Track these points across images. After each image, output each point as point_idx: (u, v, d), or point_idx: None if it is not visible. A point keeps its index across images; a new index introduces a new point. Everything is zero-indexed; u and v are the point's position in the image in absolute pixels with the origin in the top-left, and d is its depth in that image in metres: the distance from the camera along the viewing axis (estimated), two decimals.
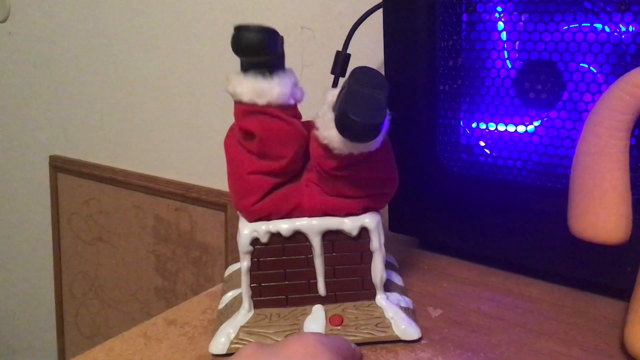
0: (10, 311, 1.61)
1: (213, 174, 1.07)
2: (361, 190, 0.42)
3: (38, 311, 1.51)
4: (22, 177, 1.45)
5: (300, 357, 0.32)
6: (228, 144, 0.44)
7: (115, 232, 1.23)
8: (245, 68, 0.41)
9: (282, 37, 0.41)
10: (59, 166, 1.31)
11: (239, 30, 0.38)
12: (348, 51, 0.64)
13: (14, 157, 1.45)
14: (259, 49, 0.38)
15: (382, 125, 0.36)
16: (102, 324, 1.30)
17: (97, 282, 1.29)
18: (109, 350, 0.43)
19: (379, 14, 0.54)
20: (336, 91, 0.40)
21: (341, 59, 0.65)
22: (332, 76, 0.65)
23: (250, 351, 0.32)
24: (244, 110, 0.41)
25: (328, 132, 0.38)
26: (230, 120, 0.43)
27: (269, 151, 0.41)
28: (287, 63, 0.43)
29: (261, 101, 0.40)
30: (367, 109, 0.36)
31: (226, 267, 0.54)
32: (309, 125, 0.42)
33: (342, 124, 0.36)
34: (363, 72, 0.39)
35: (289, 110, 0.42)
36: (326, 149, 0.39)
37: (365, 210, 0.43)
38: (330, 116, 0.38)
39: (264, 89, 0.40)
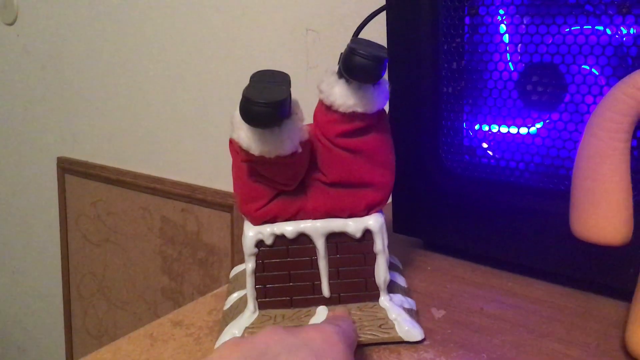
0: (19, 311, 1.62)
1: (219, 176, 1.08)
2: (362, 173, 0.42)
3: (46, 311, 1.52)
4: (30, 178, 1.46)
5: (318, 341, 0.33)
6: (233, 149, 0.44)
7: (123, 233, 1.24)
8: None
9: (290, 87, 0.39)
10: (67, 168, 1.32)
11: (248, 104, 0.36)
12: None
13: (22, 158, 1.46)
14: (269, 122, 0.37)
15: (384, 63, 0.38)
16: (109, 324, 1.31)
17: (104, 283, 1.30)
18: (116, 351, 0.44)
19: (383, 16, 0.54)
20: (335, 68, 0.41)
21: None
22: None
23: (272, 330, 0.33)
24: (252, 160, 0.40)
25: (332, 90, 0.40)
26: None
27: (276, 180, 0.42)
28: (292, 64, 0.44)
29: (270, 156, 0.39)
30: (373, 47, 0.39)
31: (232, 268, 0.55)
32: (311, 128, 0.42)
33: (350, 61, 0.38)
34: (362, 41, 0.40)
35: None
36: (330, 111, 0.40)
37: (367, 208, 0.43)
38: (334, 78, 0.40)
39: (273, 147, 0.38)
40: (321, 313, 0.44)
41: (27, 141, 1.43)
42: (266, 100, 0.36)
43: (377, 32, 0.77)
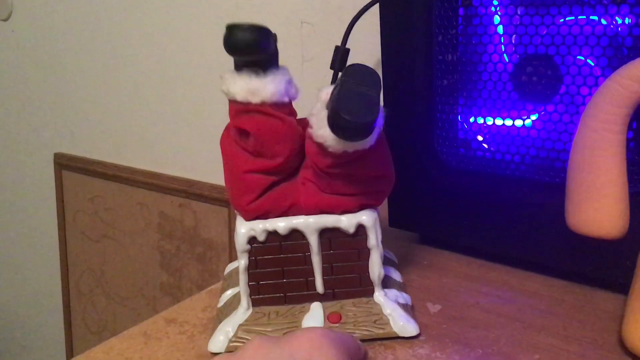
0: (19, 308, 1.62)
1: (216, 171, 1.07)
2: (357, 188, 0.42)
3: (46, 308, 1.52)
4: (28, 175, 1.45)
5: (306, 350, 0.32)
6: (224, 143, 0.44)
7: (121, 229, 1.24)
8: (239, 67, 0.41)
9: (275, 35, 0.41)
10: (64, 164, 1.32)
11: (231, 30, 0.37)
12: (347, 46, 0.64)
13: (19, 155, 1.46)
14: (252, 48, 0.38)
15: (375, 124, 0.36)
16: (109, 320, 1.31)
17: (103, 279, 1.30)
18: (109, 350, 0.44)
19: (376, 8, 0.54)
20: (330, 89, 0.40)
21: (340, 54, 0.65)
22: (333, 70, 0.65)
23: (257, 344, 0.33)
24: (239, 109, 0.41)
25: (322, 131, 0.38)
26: None
27: (264, 149, 0.41)
28: (288, 57, 0.43)
29: (255, 100, 0.40)
30: (360, 107, 0.36)
31: (230, 262, 0.54)
32: (305, 123, 0.42)
33: (335, 123, 0.36)
34: (357, 69, 0.38)
35: (284, 108, 0.42)
36: (321, 147, 0.39)
37: (361, 208, 0.43)
38: (324, 114, 0.38)
39: (257, 88, 0.40)
40: (315, 309, 0.44)
41: (24, 138, 1.43)
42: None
43: (372, 24, 0.76)
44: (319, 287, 0.44)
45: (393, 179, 0.44)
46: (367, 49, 0.77)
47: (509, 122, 0.49)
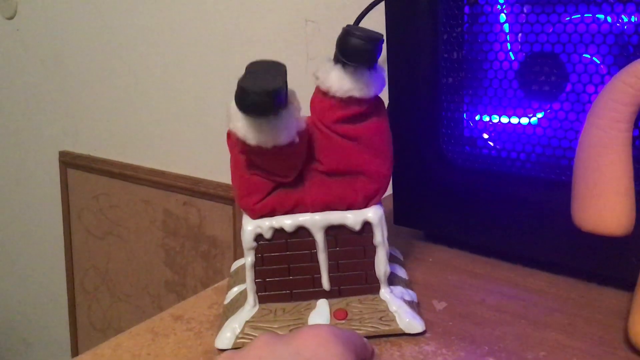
0: (24, 306, 1.63)
1: (221, 168, 1.07)
2: (360, 161, 0.42)
3: (51, 305, 1.52)
4: (33, 173, 1.46)
5: (312, 346, 0.32)
6: (231, 143, 0.44)
7: (125, 227, 1.24)
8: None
9: (286, 76, 0.38)
10: (69, 162, 1.32)
11: (244, 91, 0.36)
12: None
13: (24, 153, 1.46)
14: (265, 110, 0.37)
15: (377, 45, 0.38)
16: (113, 317, 1.31)
17: (108, 276, 1.30)
18: (117, 346, 0.44)
19: (382, 6, 0.54)
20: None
21: None
22: None
23: (263, 341, 0.33)
24: (249, 150, 0.40)
25: (328, 76, 0.40)
26: None
27: (274, 172, 0.42)
28: (292, 55, 0.43)
29: (268, 146, 0.39)
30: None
31: (235, 261, 0.55)
32: (309, 119, 0.42)
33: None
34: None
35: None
36: (327, 96, 0.40)
37: (365, 198, 0.43)
38: (330, 64, 0.40)
39: (268, 139, 0.38)
40: (321, 306, 0.44)
41: (29, 136, 1.43)
42: (261, 89, 0.35)
43: (377, 23, 0.76)
44: (325, 284, 0.44)
45: (392, 162, 0.44)
46: None
47: (514, 120, 0.49)
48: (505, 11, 0.47)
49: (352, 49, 0.38)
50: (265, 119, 0.38)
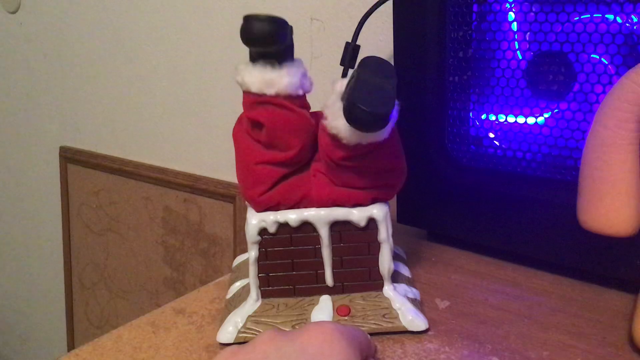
0: (21, 301, 1.63)
1: (222, 166, 1.07)
2: (369, 181, 0.42)
3: (48, 301, 1.52)
4: (33, 168, 1.46)
5: (317, 343, 0.32)
6: (236, 134, 0.44)
7: (125, 223, 1.24)
8: (254, 58, 0.41)
9: (291, 27, 0.41)
10: (69, 157, 1.32)
11: (248, 20, 0.37)
12: (357, 42, 0.64)
13: (25, 148, 1.46)
14: (269, 39, 0.38)
15: (391, 115, 0.36)
16: (111, 314, 1.31)
17: (106, 273, 1.30)
18: (117, 339, 0.44)
19: (389, 4, 0.54)
20: (345, 81, 0.40)
21: (350, 51, 0.64)
22: (342, 67, 0.65)
23: (269, 336, 0.32)
24: (253, 100, 0.41)
25: (337, 122, 0.38)
26: (239, 111, 0.43)
27: (277, 141, 0.41)
28: (297, 54, 0.43)
29: (269, 91, 0.40)
30: (376, 98, 0.36)
31: (234, 259, 0.54)
32: (318, 116, 0.42)
33: (351, 114, 0.36)
34: (372, 61, 0.39)
35: (298, 100, 0.42)
36: (334, 138, 0.39)
37: (373, 201, 0.43)
38: (339, 105, 0.38)
39: (272, 79, 0.40)
40: (324, 302, 0.44)
41: (30, 130, 1.43)
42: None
43: (383, 21, 0.76)
44: (329, 279, 0.44)
45: (405, 172, 0.44)
46: (377, 46, 0.77)
47: (521, 120, 0.49)
48: (513, 10, 0.47)
49: (358, 123, 0.36)
50: (270, 64, 0.40)
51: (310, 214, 0.42)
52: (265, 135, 0.41)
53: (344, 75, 0.65)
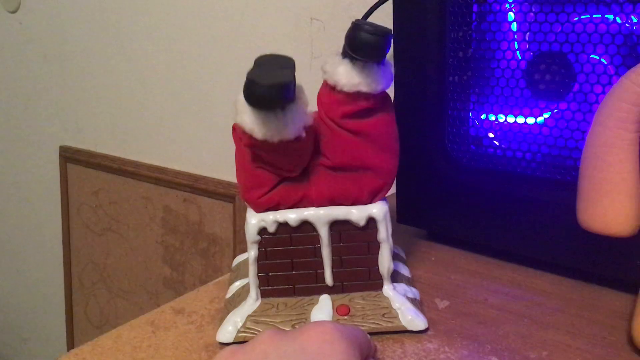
0: (21, 301, 1.63)
1: (222, 166, 1.07)
2: (365, 158, 0.42)
3: (48, 301, 1.52)
4: (33, 167, 1.46)
5: (317, 343, 0.32)
6: (236, 136, 0.44)
7: (124, 223, 1.24)
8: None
9: (294, 71, 0.38)
10: (69, 157, 1.32)
11: (252, 86, 0.36)
12: None
13: (25, 147, 1.46)
14: (273, 104, 0.37)
15: (387, 39, 0.38)
16: (110, 313, 1.31)
17: (106, 272, 1.30)
18: (117, 338, 0.44)
19: (389, 4, 0.54)
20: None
21: None
22: None
23: (268, 336, 0.33)
24: (255, 144, 0.40)
25: (336, 70, 0.40)
26: None
27: (280, 167, 0.41)
28: (297, 54, 0.43)
29: (274, 140, 0.38)
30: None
31: (234, 259, 0.54)
32: (316, 114, 0.42)
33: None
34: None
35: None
36: (335, 91, 0.40)
37: (370, 194, 0.43)
38: (338, 57, 0.40)
39: (276, 130, 0.38)
40: (324, 302, 0.44)
41: (30, 130, 1.43)
42: (270, 83, 0.35)
43: (383, 22, 0.76)
44: (328, 279, 0.44)
45: (398, 155, 0.44)
46: None
47: (521, 120, 0.49)
48: (513, 10, 0.47)
49: (362, 44, 0.38)
50: (272, 112, 0.38)
51: (309, 213, 0.42)
52: (267, 161, 0.41)
53: None
